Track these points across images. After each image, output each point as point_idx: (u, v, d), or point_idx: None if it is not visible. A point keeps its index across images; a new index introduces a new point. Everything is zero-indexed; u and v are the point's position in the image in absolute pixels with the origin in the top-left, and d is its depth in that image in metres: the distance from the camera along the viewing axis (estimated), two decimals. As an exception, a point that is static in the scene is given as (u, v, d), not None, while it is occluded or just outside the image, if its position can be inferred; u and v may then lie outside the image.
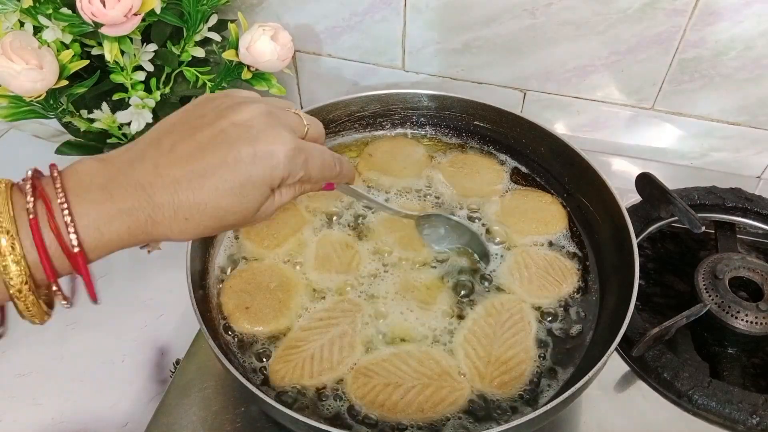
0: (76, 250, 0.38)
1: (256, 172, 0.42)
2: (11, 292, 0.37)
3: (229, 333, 0.59)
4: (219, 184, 0.41)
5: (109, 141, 0.77)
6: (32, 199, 0.37)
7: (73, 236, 0.38)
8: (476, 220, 0.70)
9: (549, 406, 0.48)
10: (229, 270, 0.64)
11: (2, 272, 0.36)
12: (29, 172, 0.39)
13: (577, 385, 0.49)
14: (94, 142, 0.78)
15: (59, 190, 0.38)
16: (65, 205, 0.38)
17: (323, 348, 0.57)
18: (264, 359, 0.58)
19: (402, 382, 0.55)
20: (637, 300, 0.55)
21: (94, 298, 0.42)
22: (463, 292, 0.62)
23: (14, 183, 0.39)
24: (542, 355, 0.58)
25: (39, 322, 0.41)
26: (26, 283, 0.37)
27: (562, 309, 0.62)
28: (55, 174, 0.39)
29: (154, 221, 0.40)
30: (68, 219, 0.37)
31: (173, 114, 0.45)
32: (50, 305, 0.41)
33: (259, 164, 0.42)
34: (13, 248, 0.36)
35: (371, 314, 0.60)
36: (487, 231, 0.68)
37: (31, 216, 0.37)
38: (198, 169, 0.41)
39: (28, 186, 0.38)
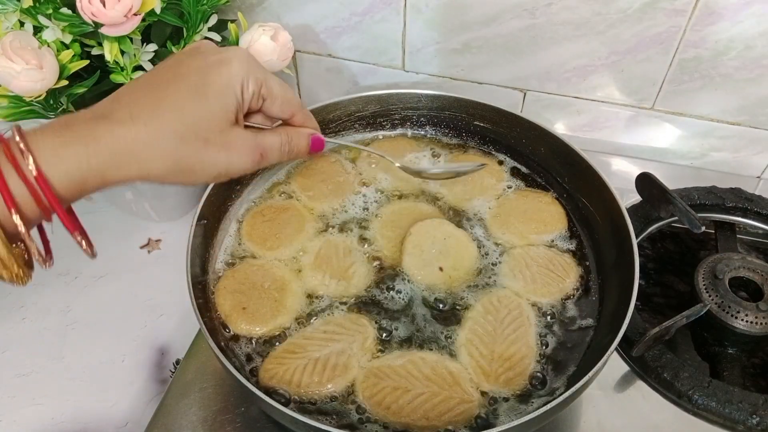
0: (33, 173, 0.37)
1: (212, 74, 0.42)
2: None
3: (229, 333, 0.59)
4: (174, 90, 0.41)
5: (109, 141, 0.77)
6: None
7: (30, 159, 0.37)
8: (476, 220, 0.70)
9: (549, 406, 0.48)
10: (227, 268, 0.64)
11: None
12: None
13: (577, 385, 0.49)
14: (94, 142, 0.78)
15: (16, 132, 0.38)
16: (20, 137, 0.37)
17: (318, 362, 0.57)
18: (264, 359, 0.58)
19: (412, 388, 0.55)
20: (637, 300, 0.55)
21: (73, 229, 0.41)
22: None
23: None
24: (543, 352, 0.58)
25: (17, 281, 0.39)
26: None
27: (563, 309, 0.62)
28: (15, 124, 0.39)
29: (116, 137, 0.39)
30: (23, 146, 0.37)
31: (144, 74, 0.47)
32: (30, 265, 0.40)
33: (212, 67, 0.42)
34: None
35: (376, 332, 0.60)
36: (487, 231, 0.68)
37: None
38: (152, 85, 0.41)
39: None
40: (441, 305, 0.61)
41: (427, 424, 0.53)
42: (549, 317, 0.61)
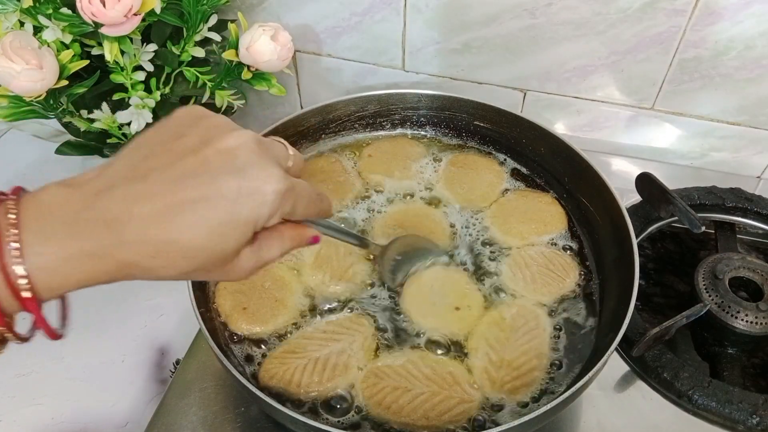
0: (26, 294, 0.34)
1: (240, 211, 0.37)
2: None
3: (229, 333, 0.59)
4: (195, 221, 0.36)
5: (109, 141, 0.77)
6: None
7: (23, 281, 0.34)
8: (475, 221, 0.70)
9: (549, 406, 0.48)
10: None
11: None
12: None
13: (577, 386, 0.49)
14: (94, 142, 0.78)
15: (13, 223, 0.34)
16: (17, 243, 0.33)
17: (318, 361, 0.57)
18: (264, 359, 0.58)
19: (412, 388, 0.55)
20: (637, 300, 0.55)
21: (52, 337, 0.38)
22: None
23: None
24: (556, 362, 0.58)
25: None
26: None
27: (563, 308, 0.62)
28: (11, 205, 0.35)
29: (119, 261, 0.36)
30: (17, 259, 0.33)
31: (151, 131, 0.39)
32: (2, 341, 0.37)
33: (244, 202, 0.37)
34: None
35: (378, 332, 0.60)
36: (487, 231, 0.68)
37: None
38: (175, 204, 0.35)
39: None
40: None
41: (427, 423, 0.53)
42: (550, 315, 0.61)
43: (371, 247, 0.58)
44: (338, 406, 0.55)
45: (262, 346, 0.59)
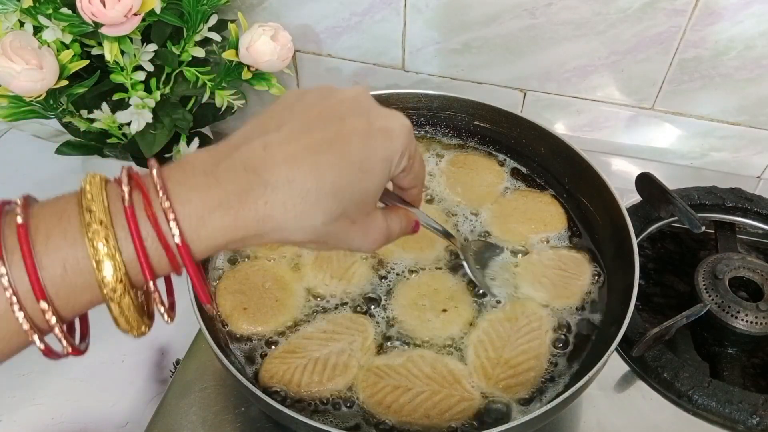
0: (176, 240, 0.33)
1: (374, 146, 0.37)
2: (104, 291, 0.32)
3: (230, 333, 0.59)
4: (337, 158, 0.35)
5: (109, 141, 0.77)
6: (128, 188, 0.33)
7: (173, 224, 0.32)
8: (475, 220, 0.70)
9: (549, 406, 0.48)
10: (226, 269, 0.64)
11: (95, 268, 0.32)
12: (124, 167, 0.35)
13: (577, 385, 0.49)
14: (94, 142, 0.78)
15: (157, 178, 0.33)
16: (163, 192, 0.33)
17: (318, 361, 0.56)
18: (264, 359, 0.58)
19: (412, 387, 0.55)
20: (637, 300, 0.55)
21: (206, 301, 0.37)
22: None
23: (108, 178, 0.35)
24: (554, 362, 0.57)
25: (135, 333, 0.36)
26: (121, 281, 0.32)
27: (564, 308, 0.62)
28: (153, 164, 0.35)
29: (266, 204, 0.34)
30: (166, 204, 0.32)
31: (272, 105, 0.40)
32: (150, 315, 0.36)
33: (377, 137, 0.37)
34: (107, 240, 0.31)
35: (378, 331, 0.59)
36: (486, 232, 0.68)
37: (126, 204, 0.32)
38: (312, 144, 0.35)
39: (125, 176, 0.34)
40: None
41: (428, 422, 0.53)
42: (550, 314, 0.61)
43: (455, 239, 0.58)
44: (338, 406, 0.55)
45: (263, 346, 0.58)
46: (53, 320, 0.32)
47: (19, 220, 0.31)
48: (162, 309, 0.36)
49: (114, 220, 0.32)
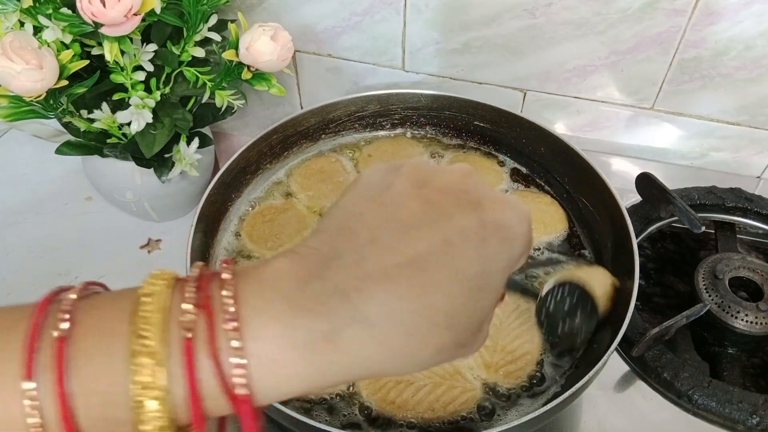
0: (242, 391, 0.26)
1: (493, 253, 0.29)
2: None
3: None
4: (449, 277, 0.28)
5: (109, 141, 0.77)
6: (194, 309, 0.26)
7: (238, 371, 0.25)
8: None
9: (549, 406, 0.48)
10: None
11: (134, 408, 0.25)
12: (196, 270, 0.28)
13: (577, 385, 0.49)
14: (94, 142, 0.78)
15: (229, 298, 0.26)
16: (234, 324, 0.26)
17: None
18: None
19: (414, 380, 0.55)
20: (637, 300, 0.55)
21: None
22: None
23: (180, 279, 0.28)
24: (546, 350, 0.59)
25: None
26: (162, 429, 0.25)
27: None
28: (228, 271, 0.27)
29: (362, 346, 0.27)
30: (236, 344, 0.25)
31: (352, 193, 0.31)
32: None
33: (493, 241, 0.29)
34: (153, 376, 0.25)
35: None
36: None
37: (187, 335, 0.26)
38: (416, 259, 0.27)
39: (192, 289, 0.27)
40: None
41: (433, 415, 0.53)
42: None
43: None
44: (345, 404, 0.54)
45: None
46: None
47: (63, 327, 0.26)
48: None
49: (171, 352, 0.25)
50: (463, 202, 0.30)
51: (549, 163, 0.73)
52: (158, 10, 0.66)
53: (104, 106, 0.72)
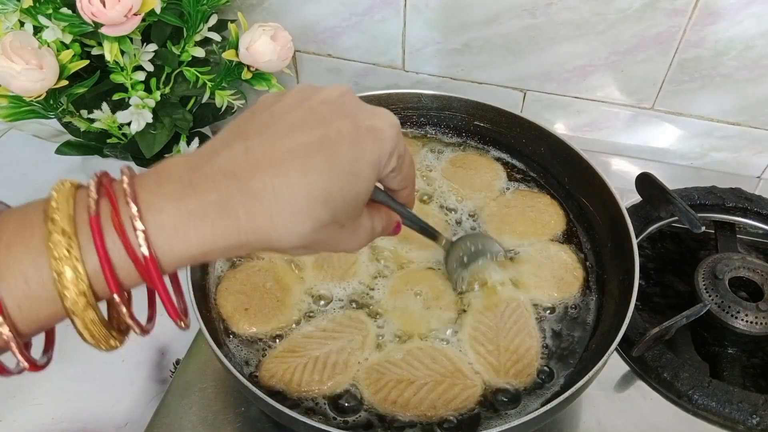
0: (144, 253, 0.30)
1: (363, 148, 0.35)
2: (66, 304, 0.30)
3: (229, 333, 0.59)
4: (325, 162, 0.33)
5: (109, 141, 0.77)
6: (96, 195, 0.31)
7: (140, 234, 0.30)
8: (474, 220, 0.70)
9: (549, 406, 0.48)
10: (227, 269, 0.64)
11: (56, 280, 0.30)
12: (97, 173, 0.33)
13: (577, 385, 0.49)
14: (94, 142, 0.78)
15: (127, 185, 0.31)
16: (132, 200, 0.30)
17: (318, 360, 0.57)
18: (264, 359, 0.58)
19: (415, 379, 0.55)
20: (637, 300, 0.55)
21: (175, 317, 0.35)
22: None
23: (81, 184, 0.33)
24: (546, 344, 0.59)
25: (104, 347, 0.34)
26: (84, 294, 0.30)
27: (564, 308, 0.62)
28: (126, 171, 0.32)
29: (250, 215, 0.32)
30: (134, 212, 0.30)
31: (248, 110, 0.37)
32: (121, 330, 0.35)
33: (365, 139, 0.35)
34: (68, 251, 0.29)
35: (377, 329, 0.60)
36: (486, 233, 0.68)
37: (92, 214, 0.30)
38: (297, 148, 0.33)
39: (93, 183, 0.32)
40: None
41: (435, 413, 0.53)
42: (550, 314, 0.61)
43: (442, 241, 0.59)
44: (346, 405, 0.55)
45: (263, 347, 0.58)
46: (8, 334, 0.30)
47: None
48: (131, 322, 0.34)
49: (79, 229, 0.30)
50: (341, 111, 0.36)
51: (549, 163, 0.73)
52: (158, 10, 0.67)
53: (104, 106, 0.72)
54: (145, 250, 0.30)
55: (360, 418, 0.54)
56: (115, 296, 0.31)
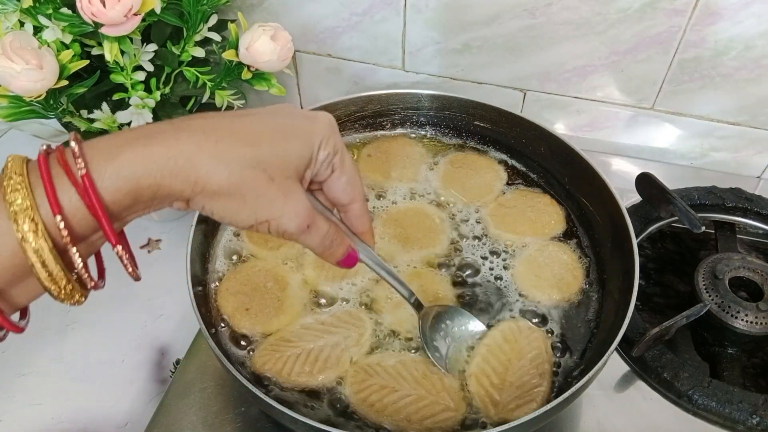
0: (81, 171, 0.33)
1: (298, 123, 0.40)
2: (29, 256, 0.32)
3: (229, 333, 0.59)
4: (255, 121, 0.39)
5: (109, 141, 0.77)
6: (46, 148, 0.35)
7: (79, 161, 0.33)
8: (474, 220, 0.70)
9: (549, 406, 0.48)
10: (228, 270, 0.64)
11: (16, 230, 0.32)
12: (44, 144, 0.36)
13: (577, 385, 0.49)
14: (94, 142, 0.78)
15: (73, 139, 0.34)
16: (76, 143, 0.34)
17: (311, 352, 0.57)
18: (259, 346, 0.58)
19: (399, 389, 0.55)
20: (637, 300, 0.55)
21: (116, 243, 0.36)
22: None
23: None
24: (555, 363, 0.57)
25: (69, 301, 0.36)
26: (44, 237, 0.32)
27: (563, 308, 0.62)
28: (75, 135, 0.36)
29: (178, 142, 0.35)
30: (76, 149, 0.34)
31: None
32: (84, 285, 0.36)
33: (297, 116, 0.41)
34: (24, 197, 0.32)
35: (373, 328, 0.60)
36: (486, 233, 0.69)
37: (41, 154, 0.35)
38: (231, 115, 0.39)
39: (43, 145, 0.36)
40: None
41: (407, 426, 0.53)
42: (550, 315, 0.61)
43: (412, 298, 0.55)
44: (324, 398, 0.55)
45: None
46: None
47: None
48: (83, 273, 0.35)
49: (32, 183, 0.33)
50: (284, 110, 0.41)
51: (549, 163, 0.73)
52: (158, 10, 0.66)
53: (104, 106, 0.72)
54: (83, 170, 0.33)
55: (336, 413, 0.54)
56: (59, 221, 0.33)
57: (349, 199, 0.45)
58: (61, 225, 0.33)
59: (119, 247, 0.36)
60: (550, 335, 0.60)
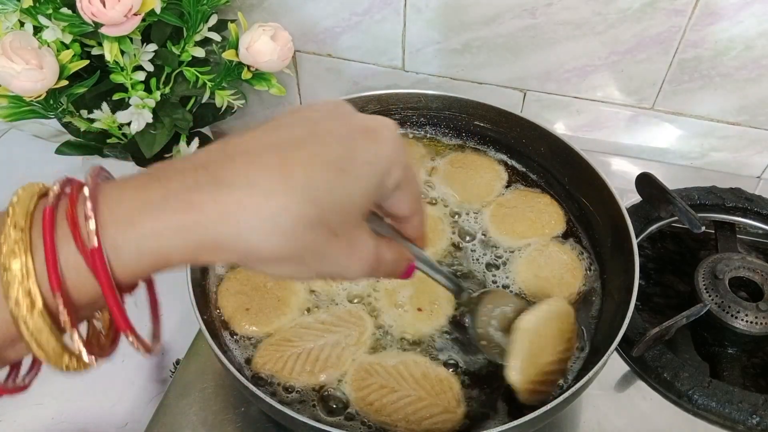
0: (93, 244, 0.26)
1: (356, 146, 0.31)
2: (23, 334, 0.27)
3: (230, 333, 0.59)
4: (310, 155, 0.29)
5: (109, 141, 0.77)
6: (58, 190, 0.29)
7: (91, 223, 0.26)
8: (474, 220, 0.70)
9: (549, 406, 0.48)
10: (228, 270, 0.64)
11: (9, 305, 0.26)
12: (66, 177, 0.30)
13: (577, 385, 0.49)
14: (94, 142, 0.78)
15: (90, 178, 0.28)
16: (91, 190, 0.27)
17: (311, 352, 0.57)
18: (260, 345, 0.58)
19: (399, 389, 0.55)
20: (637, 300, 0.55)
21: (126, 328, 0.31)
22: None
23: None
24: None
25: (55, 364, 0.31)
26: (29, 294, 0.26)
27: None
28: (93, 170, 0.29)
29: (218, 203, 0.27)
30: (89, 205, 0.27)
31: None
32: (94, 350, 0.31)
33: (357, 137, 0.31)
34: (17, 244, 0.26)
35: (373, 327, 0.60)
36: (485, 233, 0.69)
37: (48, 206, 0.28)
38: (279, 142, 0.29)
39: (60, 181, 0.29)
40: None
41: (405, 426, 0.53)
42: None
43: (463, 296, 0.51)
44: (324, 396, 0.55)
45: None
46: None
47: None
48: (79, 342, 0.29)
49: (33, 224, 0.27)
50: (332, 114, 0.32)
51: (549, 163, 0.73)
52: (158, 10, 0.66)
53: (104, 106, 0.72)
54: (94, 242, 0.26)
55: (336, 413, 0.54)
56: (58, 299, 0.27)
57: (411, 213, 0.38)
58: (61, 306, 0.27)
59: (127, 332, 0.31)
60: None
